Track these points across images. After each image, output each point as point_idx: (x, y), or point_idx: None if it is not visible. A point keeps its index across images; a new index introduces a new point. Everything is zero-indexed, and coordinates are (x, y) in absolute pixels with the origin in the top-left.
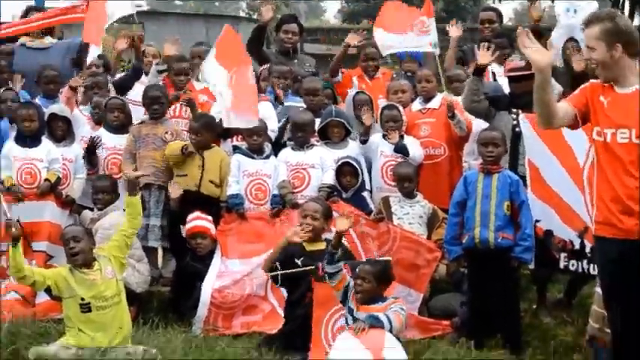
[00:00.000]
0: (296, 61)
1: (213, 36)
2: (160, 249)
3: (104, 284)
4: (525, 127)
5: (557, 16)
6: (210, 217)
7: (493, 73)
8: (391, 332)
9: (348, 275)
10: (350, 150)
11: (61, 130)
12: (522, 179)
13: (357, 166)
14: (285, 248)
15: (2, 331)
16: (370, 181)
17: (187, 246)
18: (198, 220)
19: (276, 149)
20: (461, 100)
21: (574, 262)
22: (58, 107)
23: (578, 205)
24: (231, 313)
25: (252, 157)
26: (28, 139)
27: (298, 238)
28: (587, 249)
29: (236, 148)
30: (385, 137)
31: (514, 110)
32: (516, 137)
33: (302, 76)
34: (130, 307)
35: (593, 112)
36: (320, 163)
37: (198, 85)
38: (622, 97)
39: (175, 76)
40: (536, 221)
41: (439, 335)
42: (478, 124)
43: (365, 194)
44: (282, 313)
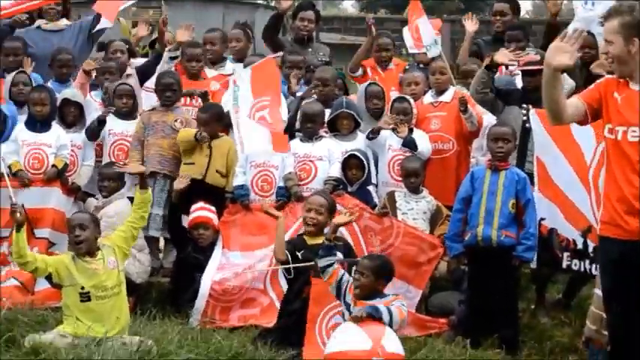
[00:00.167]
0: (310, 49)
1: (229, 22)
2: (162, 239)
3: (105, 274)
4: (535, 122)
5: (575, 9)
6: (213, 208)
7: (507, 65)
8: (391, 326)
9: (340, 270)
10: (358, 142)
11: (72, 115)
12: (529, 176)
13: (363, 159)
14: (288, 241)
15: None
16: (376, 175)
17: (189, 236)
18: (202, 210)
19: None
20: (469, 88)
21: (577, 261)
22: (71, 92)
23: (583, 204)
24: (229, 306)
25: None
26: (38, 124)
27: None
28: (590, 249)
29: None
30: (394, 130)
31: (524, 105)
32: (525, 133)
33: (315, 65)
34: (129, 297)
35: (605, 108)
36: (327, 155)
37: (210, 72)
38: (636, 94)
39: (187, 62)
40: (541, 219)
41: (435, 333)
42: (488, 120)
43: (370, 188)
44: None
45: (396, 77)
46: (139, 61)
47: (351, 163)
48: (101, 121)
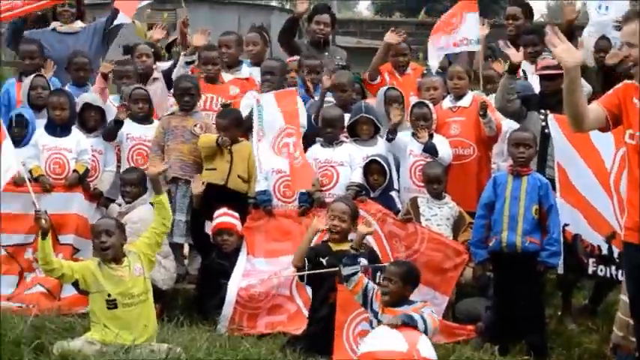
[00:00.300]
0: (327, 53)
1: (245, 25)
2: (187, 245)
3: (132, 281)
4: (554, 128)
5: (589, 14)
6: (236, 214)
7: (524, 71)
8: (426, 334)
9: (365, 278)
10: (379, 148)
11: (94, 120)
12: (550, 182)
13: (384, 164)
14: (312, 247)
15: (27, 325)
16: (398, 181)
17: (212, 243)
18: (225, 216)
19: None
20: (494, 98)
21: (602, 267)
22: (91, 97)
23: (606, 209)
24: (256, 313)
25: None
26: (58, 128)
27: (323, 224)
28: (615, 254)
29: None
30: (414, 136)
31: (542, 111)
32: (545, 138)
33: (332, 70)
34: (155, 304)
35: (625, 114)
36: (349, 160)
37: (226, 76)
38: None
39: (204, 66)
40: (565, 225)
41: (463, 340)
42: (508, 125)
43: (393, 194)
44: (307, 314)
45: (414, 82)
46: (165, 64)
47: (373, 168)
48: (118, 122)
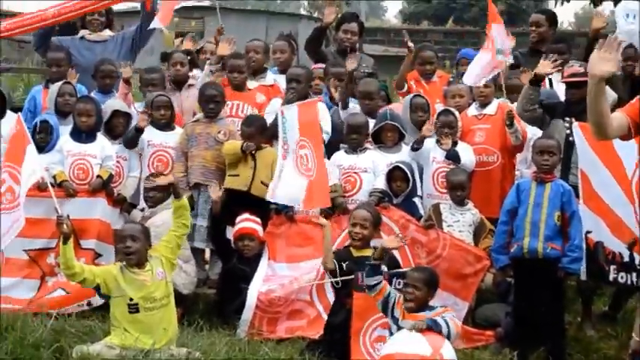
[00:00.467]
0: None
1: (272, 33)
2: (208, 250)
3: (154, 285)
4: (578, 135)
5: (616, 23)
6: (258, 219)
7: (549, 79)
8: (448, 338)
9: (387, 286)
10: (403, 154)
11: (122, 126)
12: (573, 189)
13: (407, 171)
14: (334, 251)
15: (47, 328)
16: (421, 187)
17: (233, 248)
18: (247, 221)
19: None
20: (515, 106)
21: (623, 274)
22: (120, 104)
23: (627, 217)
24: (276, 318)
25: None
26: (83, 135)
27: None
28: (636, 261)
29: None
30: (438, 143)
31: (567, 118)
32: (569, 146)
33: (357, 78)
34: (176, 308)
35: None
36: (372, 167)
37: (251, 83)
38: None
39: (229, 73)
40: (587, 232)
41: (482, 345)
42: (532, 132)
43: (416, 200)
44: (326, 319)
45: (440, 90)
46: (200, 73)
47: (396, 175)
48: (138, 129)
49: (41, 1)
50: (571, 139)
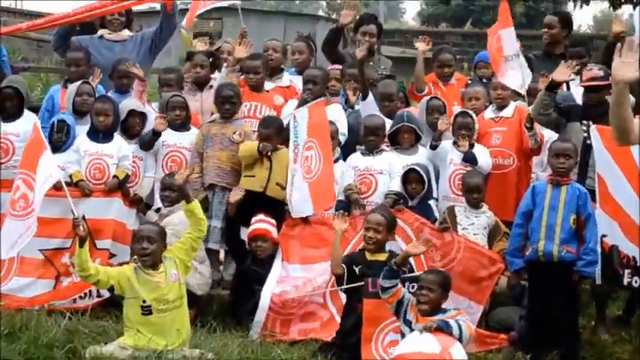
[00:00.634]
0: (371, 63)
1: (291, 34)
2: (222, 251)
3: (167, 287)
4: (595, 139)
5: (635, 26)
6: (273, 221)
7: (567, 82)
8: (460, 341)
9: (402, 290)
10: (420, 156)
11: (138, 126)
12: (590, 192)
13: (423, 173)
14: (348, 255)
15: (60, 328)
16: (437, 189)
17: (248, 249)
18: (261, 222)
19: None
20: (530, 110)
21: (637, 278)
22: (136, 103)
23: None
24: (289, 319)
25: None
26: (100, 134)
27: (344, 224)
28: None
29: None
30: (455, 144)
31: (585, 122)
32: (587, 149)
33: (374, 79)
34: (190, 309)
35: None
36: (388, 169)
37: (268, 84)
38: None
39: (246, 74)
40: (603, 236)
41: (495, 349)
42: (548, 135)
43: (431, 202)
44: (339, 321)
45: (458, 92)
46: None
47: (411, 177)
48: (156, 133)
49: (60, 1)
50: (588, 142)
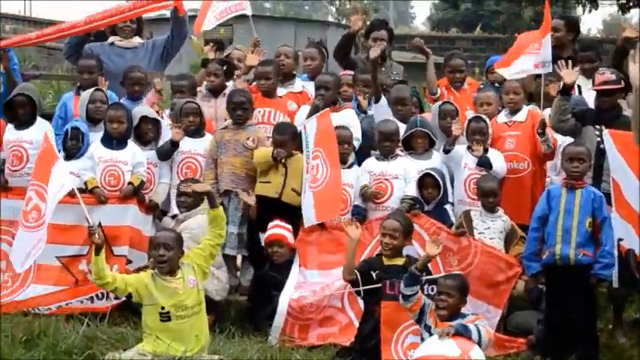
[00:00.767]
0: (384, 68)
1: (301, 40)
2: (239, 257)
3: (185, 293)
4: (608, 143)
5: None
6: (289, 226)
7: (579, 86)
8: (479, 345)
9: (423, 297)
10: (434, 161)
11: (151, 132)
12: (606, 196)
13: (438, 178)
14: (365, 260)
15: (79, 335)
16: (452, 194)
17: (265, 254)
18: (277, 228)
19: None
20: (548, 118)
21: None
22: (147, 110)
23: None
24: (307, 324)
25: None
26: (114, 141)
27: (358, 231)
28: None
29: None
30: (470, 149)
31: (598, 126)
32: (601, 153)
33: (387, 85)
34: (208, 315)
35: None
36: (403, 174)
37: (280, 90)
38: None
39: (257, 80)
40: (619, 240)
41: (514, 352)
42: (562, 139)
43: (447, 207)
44: (358, 325)
45: (470, 97)
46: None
47: (427, 182)
48: (174, 143)
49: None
50: (602, 146)
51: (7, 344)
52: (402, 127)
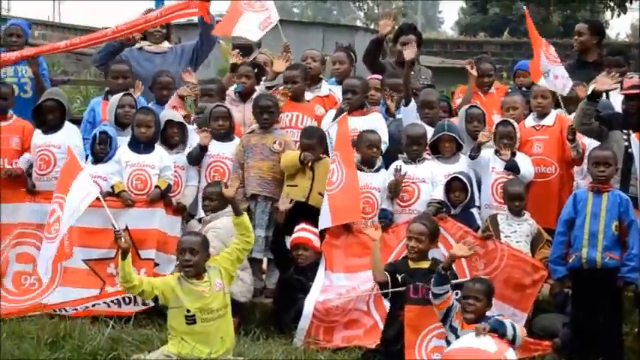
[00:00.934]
0: (412, 72)
1: (329, 45)
2: (265, 260)
3: (212, 297)
4: (635, 147)
5: None
6: (315, 230)
7: (606, 90)
8: (514, 342)
9: (452, 297)
10: (461, 165)
11: (177, 136)
12: (633, 200)
13: (466, 181)
14: (392, 263)
15: (104, 337)
16: (479, 198)
17: (290, 257)
18: (302, 231)
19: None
20: (572, 120)
21: None
22: (172, 114)
23: None
24: (332, 327)
25: (362, 170)
26: (141, 145)
27: (378, 232)
28: None
29: None
30: (497, 153)
31: (625, 130)
32: (629, 157)
33: (417, 88)
34: (233, 317)
35: None
36: (430, 177)
37: (308, 94)
38: None
39: (285, 84)
40: None
41: (539, 355)
42: (589, 144)
43: (473, 210)
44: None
45: (498, 101)
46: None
47: (454, 185)
48: (203, 147)
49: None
50: (630, 150)
51: (32, 346)
52: (430, 131)
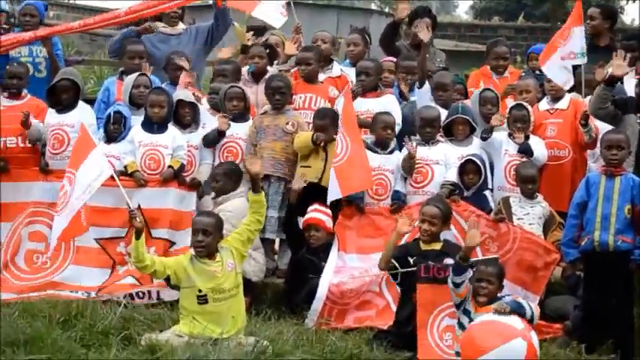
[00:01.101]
0: (427, 55)
1: (343, 28)
2: (277, 240)
3: (224, 277)
4: None
5: None
6: (328, 211)
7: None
8: (532, 321)
9: (470, 286)
10: (474, 148)
11: (189, 116)
12: None
13: (480, 164)
14: (403, 244)
15: (116, 316)
16: (492, 180)
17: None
18: (315, 212)
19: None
20: (588, 103)
21: None
22: (184, 93)
23: None
24: (345, 309)
25: (376, 152)
26: (155, 126)
27: (408, 228)
28: None
29: None
30: (511, 136)
31: (638, 114)
32: None
33: (432, 71)
34: (245, 297)
35: None
36: (444, 159)
37: (320, 76)
38: None
39: (298, 65)
40: None
41: (550, 338)
42: (601, 127)
43: (486, 193)
44: (395, 309)
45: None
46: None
47: (468, 168)
48: (221, 133)
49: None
50: None
51: (44, 324)
52: (444, 113)
